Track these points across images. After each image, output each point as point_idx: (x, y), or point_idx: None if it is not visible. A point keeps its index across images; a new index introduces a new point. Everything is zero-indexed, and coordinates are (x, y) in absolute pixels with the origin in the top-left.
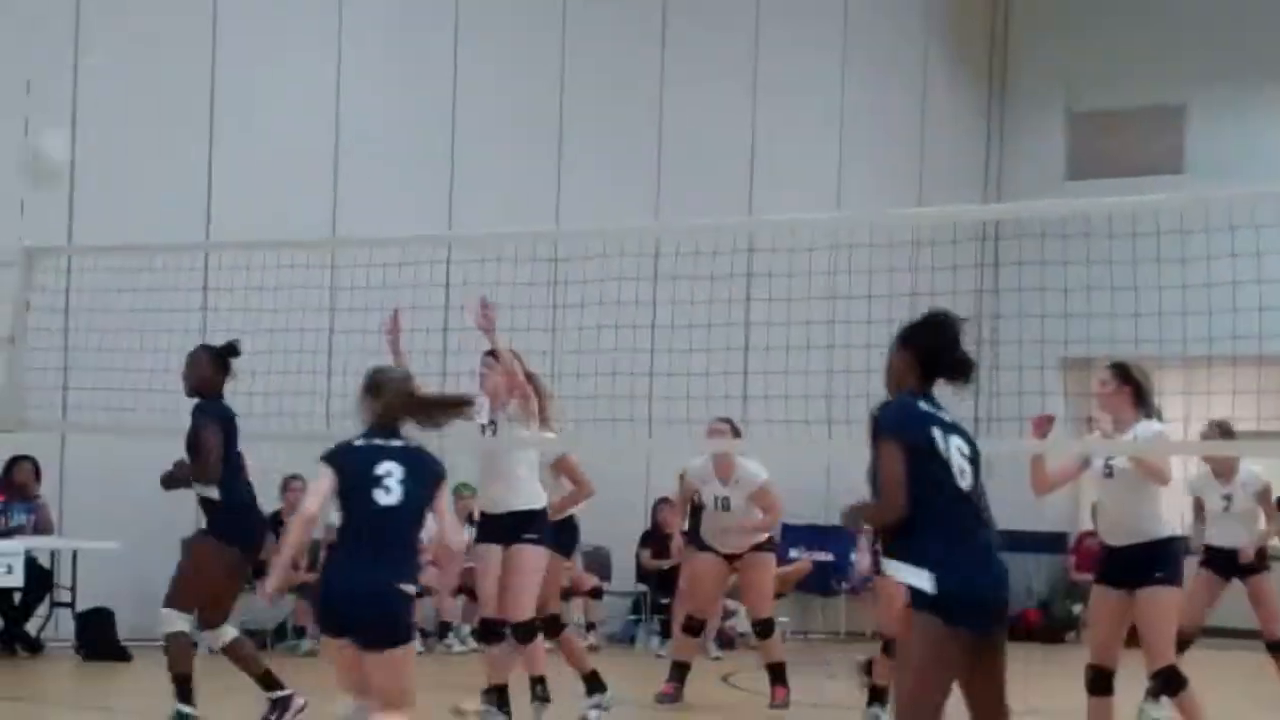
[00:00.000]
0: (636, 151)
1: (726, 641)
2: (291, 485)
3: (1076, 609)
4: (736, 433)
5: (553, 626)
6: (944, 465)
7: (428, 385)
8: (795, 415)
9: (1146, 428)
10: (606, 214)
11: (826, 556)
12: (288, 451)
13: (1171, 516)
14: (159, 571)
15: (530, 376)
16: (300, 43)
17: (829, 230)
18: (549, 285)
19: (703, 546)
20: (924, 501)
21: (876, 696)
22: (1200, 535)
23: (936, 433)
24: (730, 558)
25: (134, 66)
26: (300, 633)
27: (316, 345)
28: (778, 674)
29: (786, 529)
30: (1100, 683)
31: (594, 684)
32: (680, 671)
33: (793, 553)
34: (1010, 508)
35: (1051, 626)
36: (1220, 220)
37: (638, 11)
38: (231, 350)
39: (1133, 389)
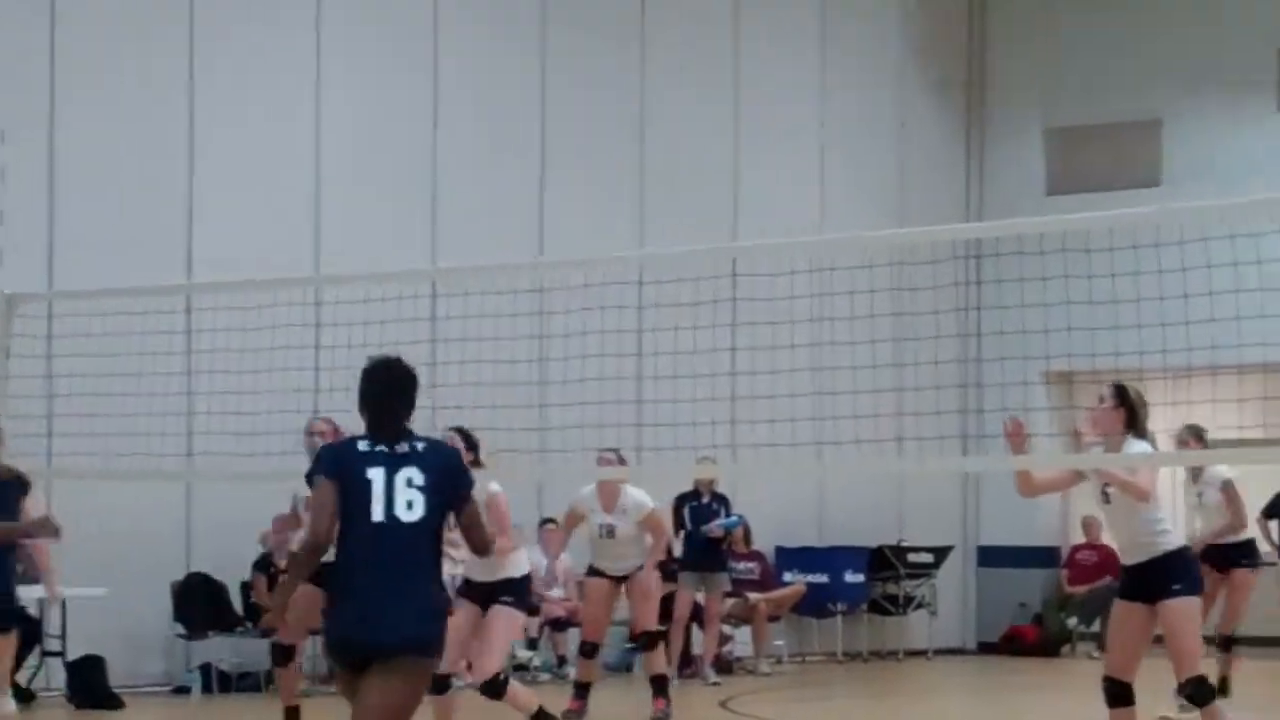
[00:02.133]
0: (619, 179)
1: (724, 667)
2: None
3: (1071, 622)
4: (623, 461)
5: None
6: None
7: (414, 420)
8: (783, 439)
9: (1134, 445)
10: (590, 242)
11: (821, 579)
12: (276, 491)
13: (1175, 526)
14: (149, 616)
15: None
16: (279, 78)
17: (812, 253)
18: (533, 316)
19: (593, 571)
20: None
21: None
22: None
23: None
24: (619, 579)
25: (112, 108)
26: None
27: (300, 384)
28: (660, 686)
29: (780, 552)
30: (1120, 695)
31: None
32: (582, 690)
33: (787, 576)
34: (1002, 523)
35: (1047, 640)
36: (1196, 232)
37: (617, 39)
38: None
39: (1127, 411)
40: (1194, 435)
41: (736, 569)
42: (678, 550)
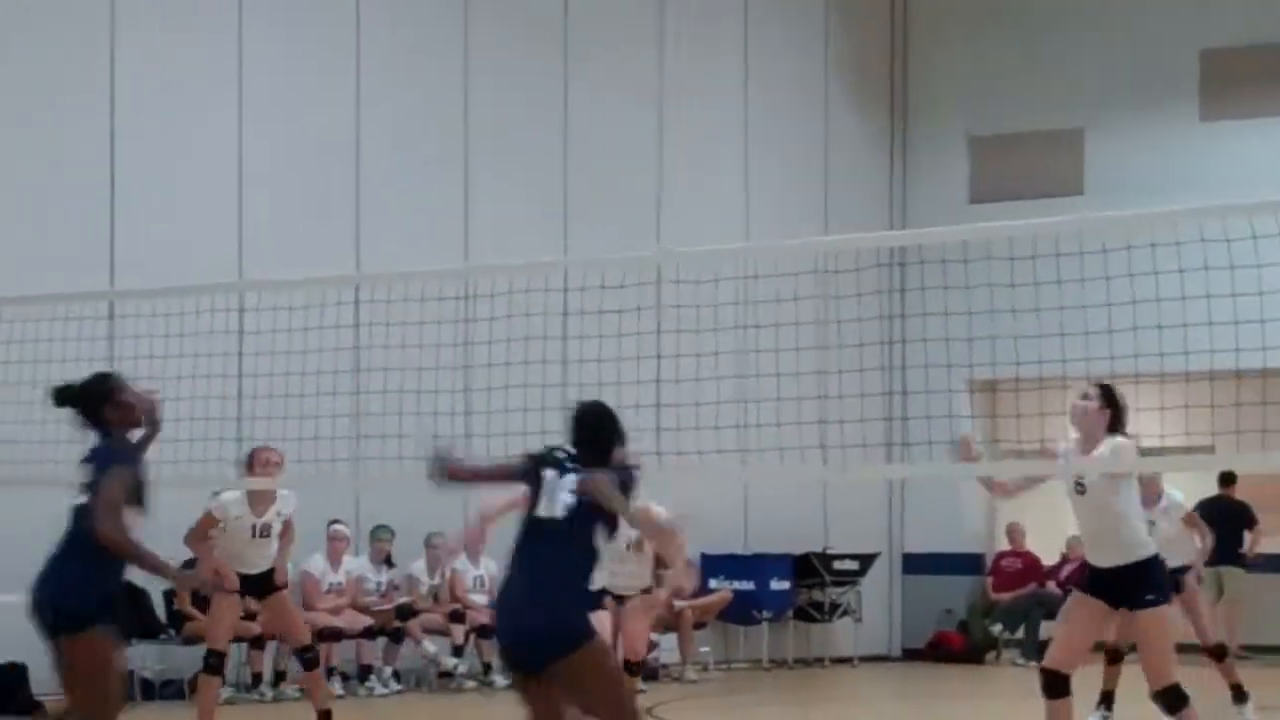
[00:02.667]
0: (543, 186)
1: (649, 674)
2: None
3: (995, 629)
4: None
5: None
6: None
7: (338, 428)
8: (709, 446)
9: (1123, 445)
10: (515, 248)
11: (747, 586)
12: (198, 499)
13: (1146, 534)
14: None
15: None
16: (201, 82)
17: (736, 260)
18: (457, 323)
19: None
20: None
21: None
22: None
23: None
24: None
25: (30, 114)
26: None
27: (224, 390)
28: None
29: (705, 559)
30: (1058, 685)
31: None
32: None
33: (712, 583)
34: (927, 530)
35: (972, 647)
36: (1119, 241)
37: (541, 44)
38: None
39: (1113, 412)
40: None
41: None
42: None
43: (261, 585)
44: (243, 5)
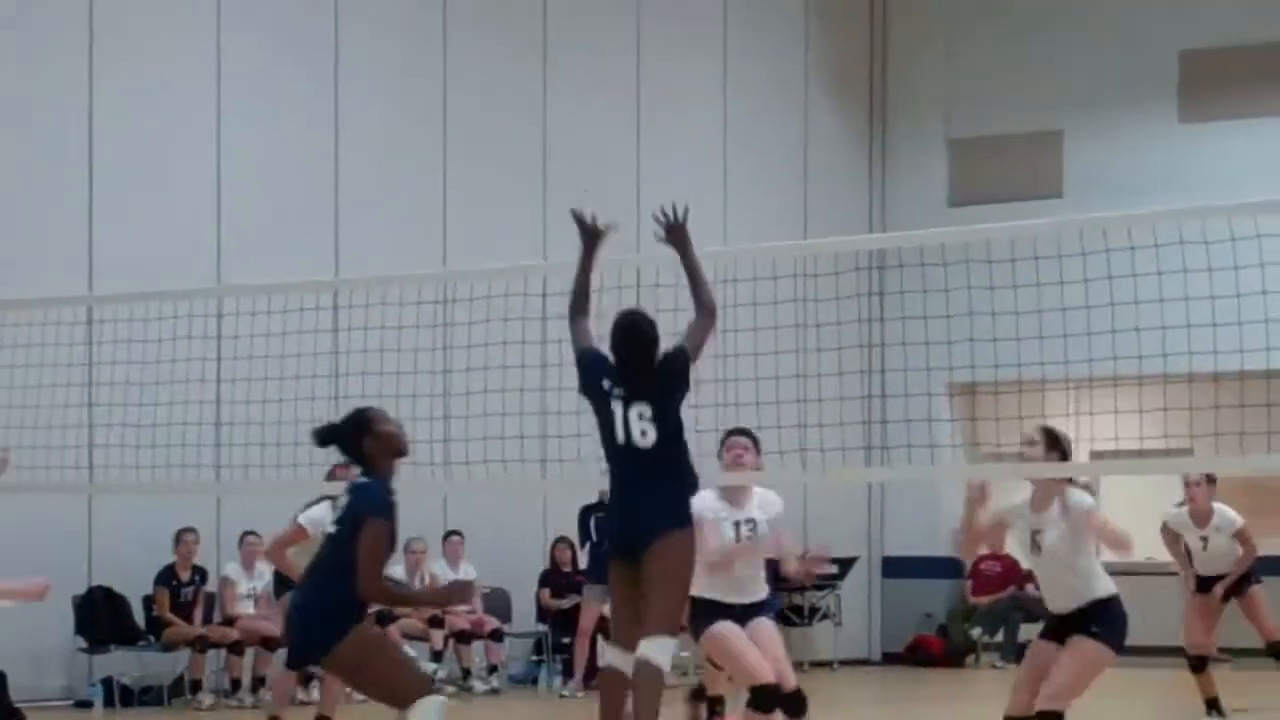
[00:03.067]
0: (521, 187)
1: None
2: (184, 537)
3: (975, 633)
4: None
5: None
6: None
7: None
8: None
9: (1079, 501)
10: (493, 252)
11: None
12: (178, 504)
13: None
14: (51, 630)
15: None
16: (179, 85)
17: (716, 264)
18: (436, 328)
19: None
20: None
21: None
22: (1188, 570)
23: None
24: None
25: (9, 117)
26: (198, 687)
27: (202, 395)
28: None
29: None
30: None
31: None
32: None
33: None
34: (905, 533)
35: (951, 651)
36: (1098, 244)
37: (520, 47)
38: None
39: (1059, 456)
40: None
41: None
42: (583, 562)
43: None
44: (221, 8)
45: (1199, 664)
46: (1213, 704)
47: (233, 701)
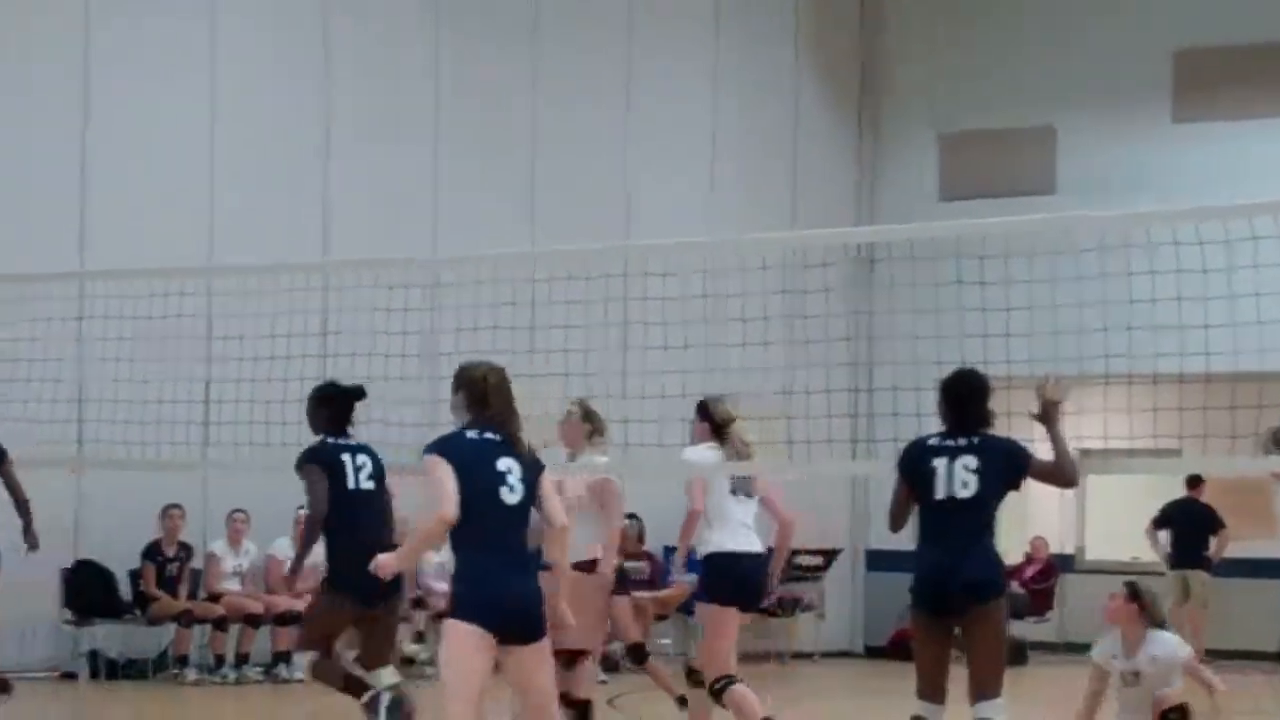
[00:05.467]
0: (511, 175)
1: (610, 665)
2: (170, 513)
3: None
4: None
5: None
6: None
7: (304, 413)
8: (674, 438)
9: (1164, 644)
10: (483, 239)
11: None
12: (166, 480)
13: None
14: (38, 603)
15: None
16: (173, 66)
17: (704, 254)
18: (425, 311)
19: None
20: None
21: None
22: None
23: None
24: None
25: (2, 98)
26: (183, 662)
27: (193, 373)
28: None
29: (668, 552)
30: None
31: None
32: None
33: (673, 576)
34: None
35: None
36: (1091, 240)
37: (510, 36)
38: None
39: (1140, 607)
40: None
41: (627, 567)
42: None
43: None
44: None
45: None
46: None
47: (216, 677)
